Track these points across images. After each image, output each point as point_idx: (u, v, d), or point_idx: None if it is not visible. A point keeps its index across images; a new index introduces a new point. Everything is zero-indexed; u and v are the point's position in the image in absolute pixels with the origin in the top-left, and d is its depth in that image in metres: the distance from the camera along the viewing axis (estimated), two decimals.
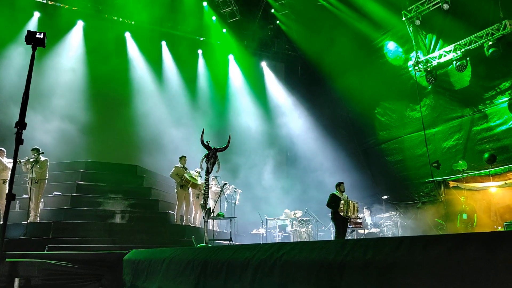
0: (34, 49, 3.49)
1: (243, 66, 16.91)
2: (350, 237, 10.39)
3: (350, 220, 9.23)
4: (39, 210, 8.61)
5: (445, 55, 11.23)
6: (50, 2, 13.59)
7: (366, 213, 12.36)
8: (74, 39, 14.00)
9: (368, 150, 15.07)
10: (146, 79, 15.01)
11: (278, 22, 16.99)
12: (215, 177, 11.36)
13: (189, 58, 16.04)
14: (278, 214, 12.79)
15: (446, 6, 10.83)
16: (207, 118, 15.15)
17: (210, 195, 10.36)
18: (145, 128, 14.05)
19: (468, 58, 10.84)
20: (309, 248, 2.55)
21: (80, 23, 14.16)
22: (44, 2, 13.52)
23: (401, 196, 13.44)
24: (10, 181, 3.33)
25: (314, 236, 12.15)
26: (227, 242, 8.68)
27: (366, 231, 11.20)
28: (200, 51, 16.55)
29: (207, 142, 8.18)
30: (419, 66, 11.90)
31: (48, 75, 12.83)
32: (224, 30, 16.25)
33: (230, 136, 8.58)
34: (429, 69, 11.65)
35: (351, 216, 9.16)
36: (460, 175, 11.11)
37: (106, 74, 13.19)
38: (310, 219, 12.23)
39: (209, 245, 7.67)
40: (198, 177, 10.37)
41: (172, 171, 10.05)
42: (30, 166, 8.48)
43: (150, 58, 15.24)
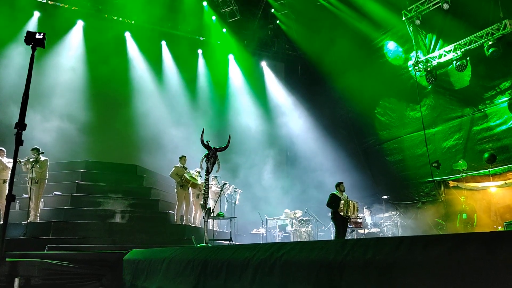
0: (33, 49, 3.47)
1: (243, 66, 16.90)
2: (350, 237, 10.38)
3: (350, 220, 9.23)
4: (39, 210, 8.61)
5: (445, 55, 11.23)
6: (50, 2, 13.58)
7: (366, 213, 12.36)
8: (74, 39, 13.99)
9: (368, 150, 15.07)
10: (146, 79, 15.00)
11: (278, 21, 16.98)
12: (215, 177, 11.36)
13: (189, 58, 16.03)
14: (278, 214, 12.78)
15: (446, 6, 10.83)
16: (207, 118, 15.15)
17: (210, 195, 10.35)
18: (145, 127, 14.04)
19: (468, 58, 10.84)
20: (309, 248, 2.55)
21: (80, 23, 14.15)
22: (44, 1, 13.51)
23: (401, 196, 13.44)
24: (10, 181, 3.32)
25: (314, 236, 12.15)
26: (227, 242, 8.68)
27: (366, 231, 11.20)
28: (200, 51, 16.54)
29: (207, 141, 8.18)
30: (419, 66, 11.90)
31: (48, 75, 12.83)
32: (224, 29, 16.24)
33: (230, 136, 8.58)
34: (429, 69, 11.65)
35: (351, 216, 9.16)
36: (460, 175, 11.12)
37: (106, 74, 13.18)
38: (310, 219, 12.23)
39: (209, 245, 7.67)
40: (198, 177, 10.38)
41: (172, 171, 10.05)
42: (30, 166, 8.48)
43: (150, 58, 15.23)
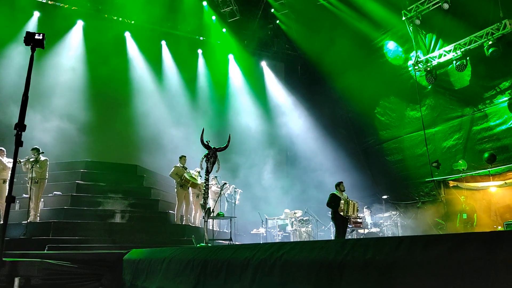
0: (33, 50, 3.47)
1: (243, 66, 16.89)
2: (350, 236, 10.38)
3: (350, 219, 9.23)
4: (39, 209, 8.60)
5: (445, 55, 11.23)
6: (50, 2, 13.57)
7: (366, 212, 12.35)
8: (74, 39, 13.98)
9: (368, 150, 15.07)
10: (146, 79, 14.99)
11: (278, 21, 16.98)
12: (215, 176, 11.36)
13: (189, 58, 16.03)
14: (278, 214, 12.77)
15: (446, 6, 10.83)
16: (207, 118, 15.14)
17: (210, 195, 10.35)
18: (145, 127, 14.04)
19: (468, 58, 10.84)
20: (309, 247, 2.55)
21: (80, 23, 14.14)
22: (43, 1, 13.51)
23: (401, 195, 13.44)
24: (10, 182, 3.31)
25: (314, 235, 12.15)
26: (227, 242, 8.69)
27: (366, 231, 11.20)
28: (200, 51, 16.53)
29: (207, 141, 8.18)
30: (419, 65, 11.90)
31: (48, 75, 12.82)
32: (224, 29, 16.23)
33: (230, 135, 8.58)
34: (429, 68, 11.65)
35: (351, 215, 9.16)
36: (460, 175, 11.12)
37: (106, 74, 13.17)
38: (310, 219, 12.22)
39: (209, 244, 7.67)
40: (198, 176, 10.37)
41: (172, 171, 10.05)
42: (30, 166, 8.48)
43: (150, 57, 15.22)
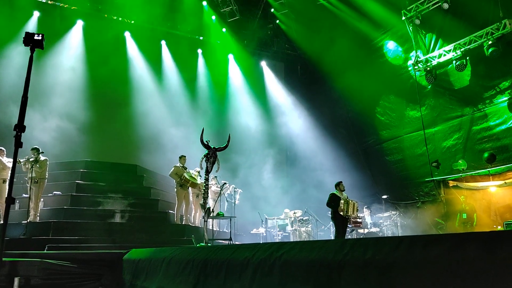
0: (32, 51, 3.46)
1: (243, 66, 16.89)
2: (349, 236, 10.38)
3: (350, 219, 9.24)
4: (39, 209, 8.60)
5: (444, 55, 11.23)
6: (49, 2, 13.56)
7: (366, 212, 12.36)
8: (74, 39, 13.97)
9: (368, 150, 15.08)
10: (146, 79, 14.99)
11: (277, 21, 16.97)
12: (215, 176, 11.35)
13: (188, 58, 16.02)
14: (277, 214, 12.78)
15: (446, 6, 10.83)
16: (207, 118, 15.14)
17: (209, 195, 10.35)
18: (144, 127, 14.03)
19: (467, 58, 10.84)
20: (308, 247, 2.54)
21: (79, 23, 14.13)
22: (43, 1, 13.50)
23: (401, 195, 13.45)
24: (10, 183, 3.31)
25: (314, 235, 12.15)
26: (227, 242, 8.69)
27: (366, 231, 11.20)
28: (199, 51, 16.52)
29: (207, 141, 8.18)
30: (419, 65, 11.90)
31: (47, 74, 12.81)
32: (223, 29, 16.23)
33: (230, 135, 8.57)
34: (428, 68, 11.65)
35: (351, 215, 9.16)
36: (459, 175, 11.13)
37: (106, 74, 13.17)
38: (310, 219, 12.23)
39: (208, 244, 7.67)
40: (198, 176, 10.37)
41: (171, 171, 10.05)
42: (30, 166, 8.47)
43: (150, 57, 15.21)
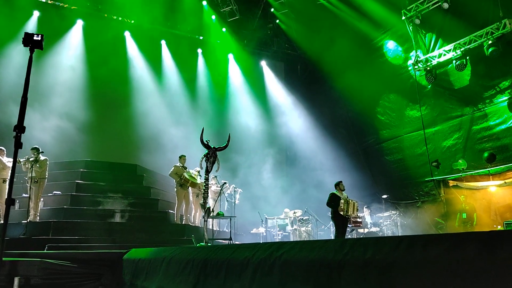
0: (31, 51, 3.45)
1: (243, 65, 16.89)
2: (349, 236, 10.38)
3: (350, 219, 9.23)
4: (39, 209, 8.60)
5: (444, 54, 11.22)
6: (49, 1, 13.56)
7: (366, 212, 12.36)
8: (74, 38, 13.98)
9: (368, 149, 15.07)
10: (146, 78, 14.99)
11: (277, 21, 16.96)
12: (215, 176, 11.35)
13: (188, 57, 16.02)
14: (277, 213, 12.78)
15: (446, 5, 10.83)
16: (207, 117, 15.14)
17: (209, 194, 10.35)
18: (144, 127, 14.03)
19: (467, 57, 10.84)
20: (308, 247, 2.54)
21: (79, 22, 14.14)
22: (43, 1, 13.49)
23: (400, 195, 13.44)
24: (10, 184, 3.30)
25: (314, 235, 12.15)
26: (227, 241, 8.69)
27: (366, 230, 11.20)
28: (199, 50, 16.52)
29: (207, 141, 8.18)
30: (419, 65, 11.90)
31: (47, 74, 12.82)
32: (223, 29, 16.22)
33: (229, 135, 8.58)
34: (428, 68, 11.65)
35: (351, 215, 9.16)
36: (459, 174, 11.13)
37: (106, 73, 13.17)
38: (310, 218, 12.23)
39: (208, 244, 7.67)
40: (198, 176, 10.37)
41: (171, 170, 10.05)
42: (29, 166, 8.47)
43: (150, 57, 15.21)
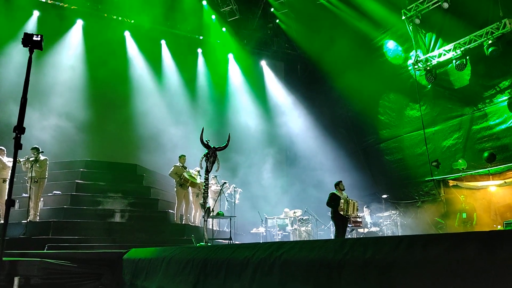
0: (31, 51, 3.45)
1: (243, 65, 16.88)
2: (349, 236, 10.38)
3: (350, 219, 9.23)
4: (39, 209, 8.60)
5: (444, 54, 11.22)
6: (49, 1, 13.55)
7: (366, 212, 12.36)
8: (74, 38, 13.98)
9: (367, 149, 15.07)
10: (146, 78, 14.99)
11: (277, 21, 16.96)
12: (215, 176, 11.35)
13: (188, 57, 16.03)
14: (277, 213, 12.78)
15: (446, 5, 10.82)
16: (207, 117, 15.15)
17: (209, 194, 10.35)
18: (144, 127, 14.03)
19: (467, 57, 10.84)
20: (308, 247, 2.54)
21: (79, 22, 14.14)
22: (43, 1, 13.49)
23: (400, 195, 13.44)
24: (10, 185, 3.30)
25: (314, 235, 12.15)
26: (227, 241, 8.69)
27: (366, 230, 11.20)
28: (199, 50, 16.52)
29: (207, 141, 8.18)
30: (419, 65, 11.90)
31: (47, 74, 12.82)
32: (223, 29, 16.22)
33: (229, 135, 8.58)
34: (428, 68, 11.65)
35: (351, 215, 9.16)
36: (459, 174, 11.12)
37: (106, 73, 13.16)
38: (310, 218, 12.23)
39: (208, 244, 7.67)
40: (198, 176, 10.37)
41: (171, 170, 10.05)
42: (29, 165, 8.47)
43: (150, 57, 15.21)
